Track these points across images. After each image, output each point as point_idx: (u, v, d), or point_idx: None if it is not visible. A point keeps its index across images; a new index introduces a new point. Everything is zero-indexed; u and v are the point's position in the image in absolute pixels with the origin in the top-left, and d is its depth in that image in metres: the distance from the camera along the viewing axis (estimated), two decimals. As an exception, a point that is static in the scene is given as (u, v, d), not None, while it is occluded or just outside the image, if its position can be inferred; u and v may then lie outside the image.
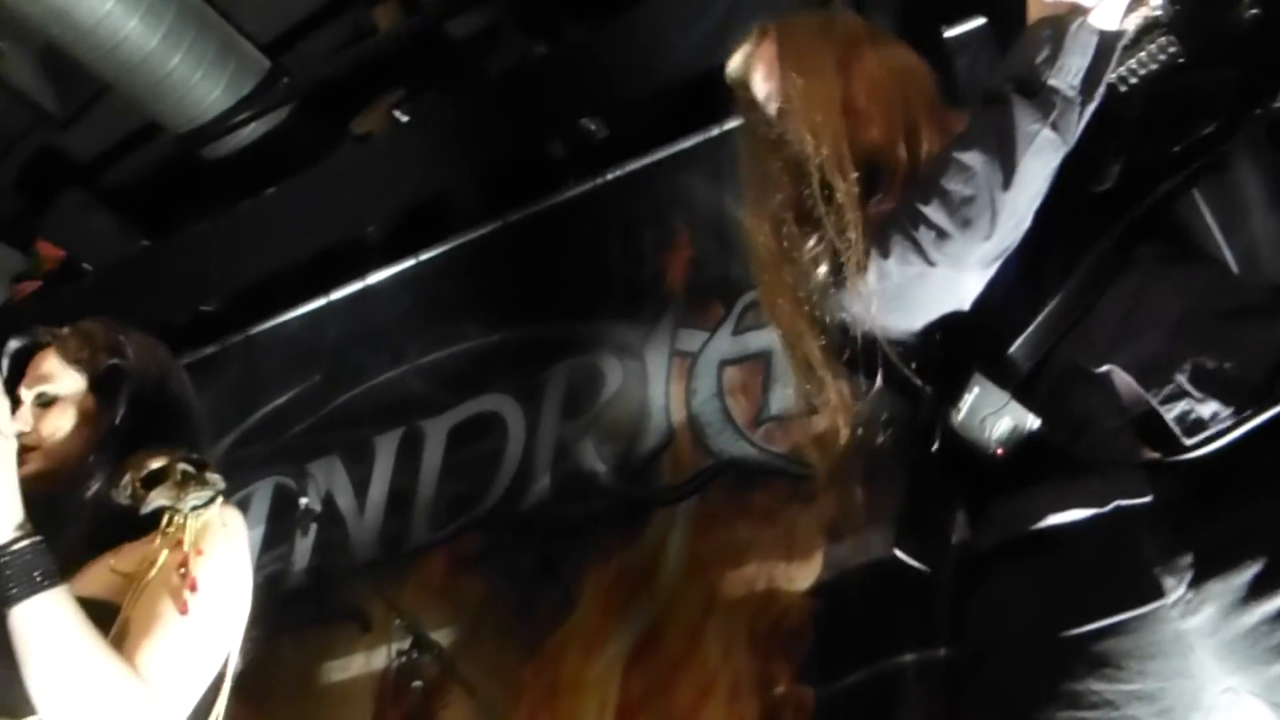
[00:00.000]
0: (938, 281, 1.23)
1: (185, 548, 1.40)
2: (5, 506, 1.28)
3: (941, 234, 1.20)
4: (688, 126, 3.84)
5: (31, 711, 1.29)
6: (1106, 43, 1.18)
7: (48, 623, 1.25)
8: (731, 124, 3.69)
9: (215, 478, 1.48)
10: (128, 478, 1.46)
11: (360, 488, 4.13)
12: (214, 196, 4.50)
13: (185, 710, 1.35)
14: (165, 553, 1.39)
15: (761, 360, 3.47)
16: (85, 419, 1.55)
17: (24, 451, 1.42)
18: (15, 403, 1.50)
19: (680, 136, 3.87)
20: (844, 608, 3.03)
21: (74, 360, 1.57)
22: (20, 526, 1.28)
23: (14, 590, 1.24)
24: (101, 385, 1.55)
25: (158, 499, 1.44)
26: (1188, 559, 1.11)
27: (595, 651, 3.43)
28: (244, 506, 4.22)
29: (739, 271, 3.60)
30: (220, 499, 1.47)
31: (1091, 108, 1.20)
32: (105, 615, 1.33)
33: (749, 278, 3.64)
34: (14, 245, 4.64)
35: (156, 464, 1.47)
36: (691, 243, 3.79)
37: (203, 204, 4.55)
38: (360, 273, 4.43)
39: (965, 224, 1.19)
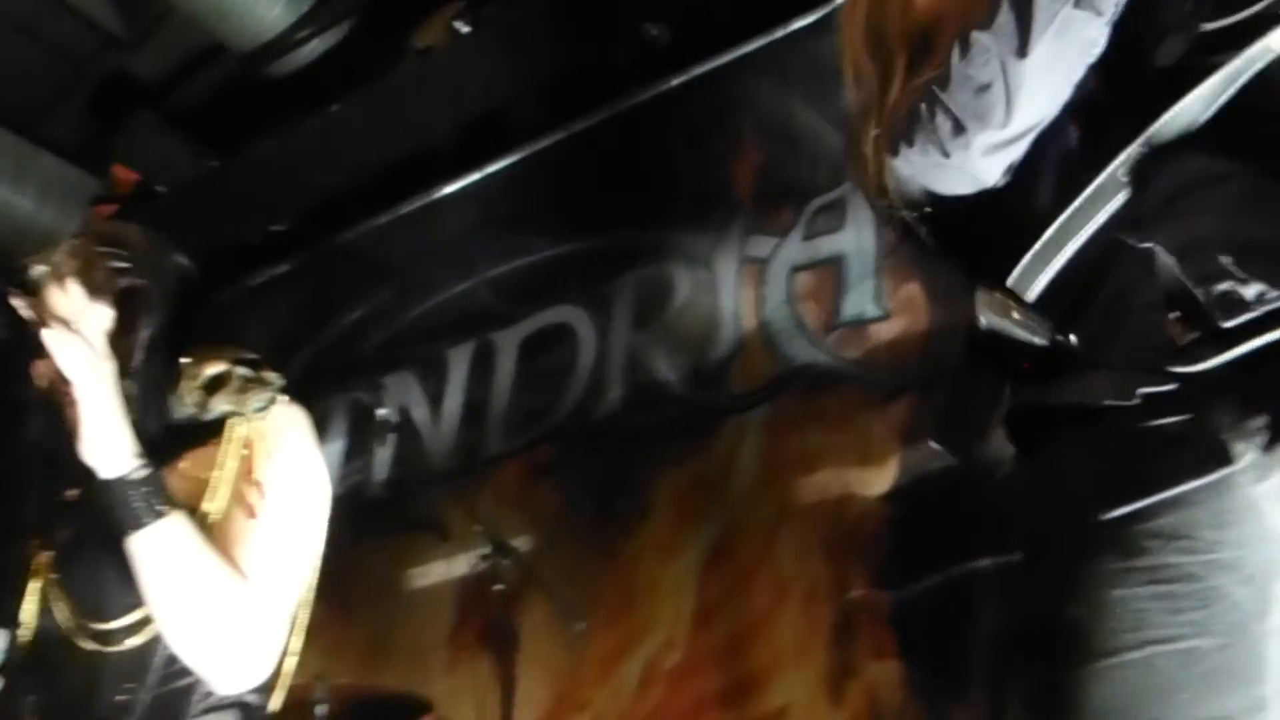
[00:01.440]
0: (955, 168, 1.19)
1: (254, 452, 1.41)
2: (120, 437, 1.29)
3: (958, 126, 1.14)
4: (753, 29, 3.74)
5: (118, 615, 1.35)
6: None
7: (171, 546, 1.28)
8: (798, 25, 3.62)
9: (273, 376, 1.47)
10: (186, 386, 1.45)
11: (434, 400, 4.18)
12: (280, 115, 4.51)
13: (290, 610, 1.38)
14: (235, 458, 1.41)
15: (833, 265, 3.42)
16: (114, 348, 1.41)
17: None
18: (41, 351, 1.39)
19: (745, 40, 3.77)
20: (919, 513, 3.03)
21: (92, 291, 1.40)
22: (137, 455, 1.29)
23: (138, 518, 1.27)
24: (121, 308, 1.43)
25: (220, 405, 1.43)
26: (1260, 422, 1.07)
27: (670, 557, 3.47)
28: (321, 422, 4.27)
29: (808, 176, 3.54)
30: (280, 396, 1.46)
31: None
32: None
33: (818, 181, 3.63)
34: (90, 170, 4.70)
35: (214, 369, 1.46)
36: (759, 148, 3.73)
37: (269, 123, 4.57)
38: (427, 187, 4.44)
39: (979, 116, 1.13)
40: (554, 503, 3.77)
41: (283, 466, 1.42)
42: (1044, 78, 1.12)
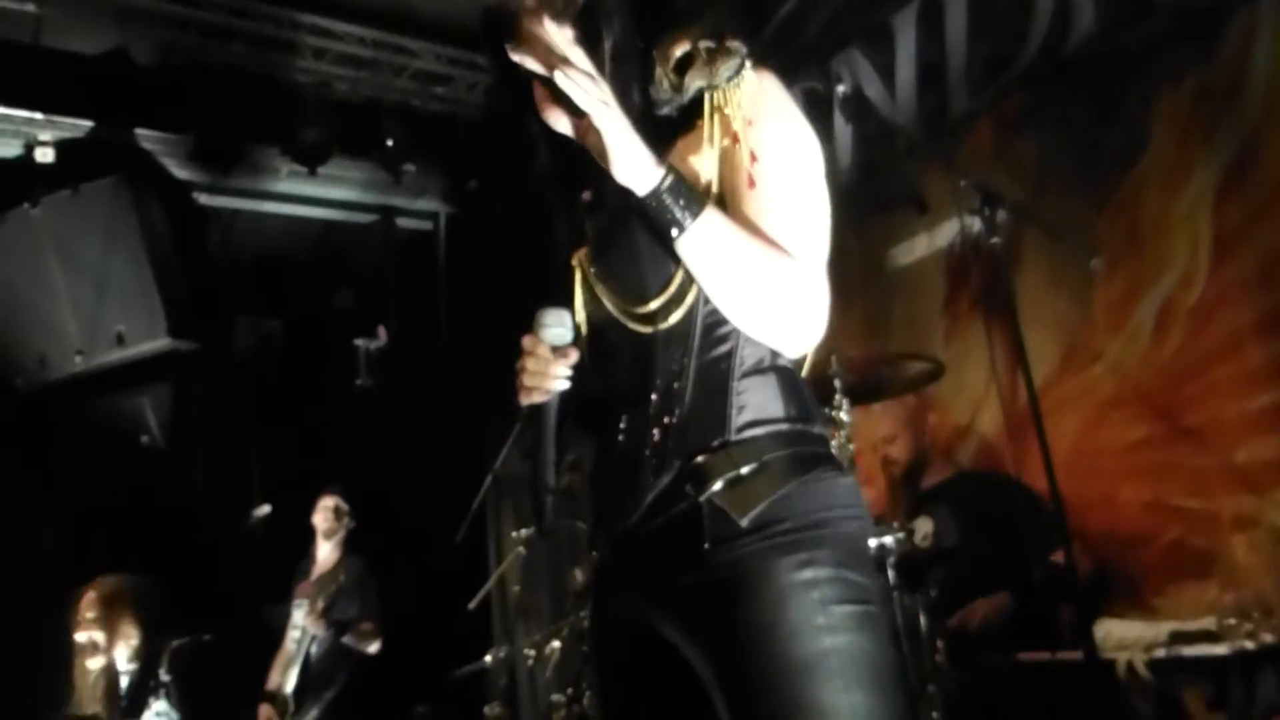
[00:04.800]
0: None
1: (735, 123, 1.40)
2: (643, 153, 1.33)
3: None
4: None
5: (655, 297, 1.43)
6: None
7: (716, 238, 1.34)
8: None
9: (736, 44, 1.44)
10: (659, 73, 1.46)
11: (886, 73, 4.00)
12: None
13: (826, 271, 1.40)
14: (720, 134, 1.41)
15: None
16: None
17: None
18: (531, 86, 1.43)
19: None
20: None
21: (556, 21, 1.38)
22: (660, 164, 1.34)
23: (680, 222, 1.33)
24: (584, 28, 1.41)
25: (695, 81, 1.43)
26: None
27: (1178, 187, 3.15)
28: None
29: None
30: (749, 61, 1.43)
31: None
32: None
33: None
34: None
35: (680, 50, 1.45)
36: None
37: None
38: None
39: None
40: (1033, 153, 3.53)
41: (769, 129, 1.41)
42: None
